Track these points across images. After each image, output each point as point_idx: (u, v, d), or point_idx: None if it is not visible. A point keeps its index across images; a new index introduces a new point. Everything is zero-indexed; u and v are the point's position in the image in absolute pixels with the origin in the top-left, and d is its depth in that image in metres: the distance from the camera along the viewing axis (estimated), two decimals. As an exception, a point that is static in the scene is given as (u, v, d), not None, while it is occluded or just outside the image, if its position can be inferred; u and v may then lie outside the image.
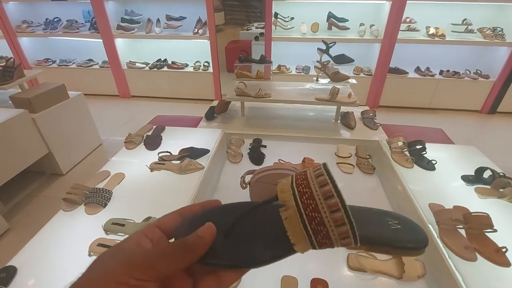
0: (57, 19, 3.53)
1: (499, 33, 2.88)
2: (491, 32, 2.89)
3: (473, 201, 1.09)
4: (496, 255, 0.84)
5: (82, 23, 3.55)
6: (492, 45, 2.95)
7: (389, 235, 0.28)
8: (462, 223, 0.92)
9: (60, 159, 2.20)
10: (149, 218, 1.03)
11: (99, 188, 1.17)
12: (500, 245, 0.86)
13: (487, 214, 0.91)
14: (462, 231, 0.93)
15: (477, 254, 0.86)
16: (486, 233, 0.90)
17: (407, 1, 2.74)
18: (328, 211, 0.24)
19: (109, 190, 1.18)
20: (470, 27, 2.96)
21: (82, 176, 2.23)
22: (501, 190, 1.11)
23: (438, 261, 0.88)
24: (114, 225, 1.02)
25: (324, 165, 0.26)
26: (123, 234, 1.00)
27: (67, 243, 0.97)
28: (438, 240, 0.92)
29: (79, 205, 1.12)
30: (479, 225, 0.91)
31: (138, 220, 1.04)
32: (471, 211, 0.96)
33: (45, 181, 2.17)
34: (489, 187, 1.14)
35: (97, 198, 1.13)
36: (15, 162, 1.86)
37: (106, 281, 0.22)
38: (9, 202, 1.93)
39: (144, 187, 1.23)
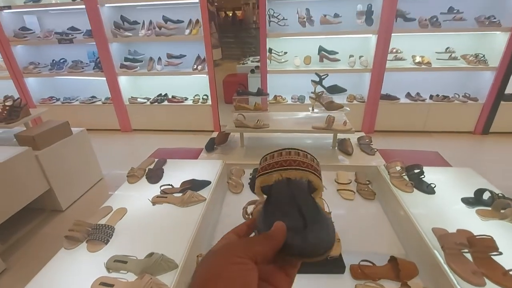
0: (63, 60, 3.71)
1: (481, 59, 3.04)
2: (474, 58, 3.06)
3: (475, 223, 1.09)
4: (504, 278, 0.83)
5: (86, 63, 3.72)
6: (476, 70, 3.10)
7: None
8: (467, 247, 0.92)
9: (60, 195, 2.18)
10: (152, 253, 1.02)
11: (101, 224, 1.17)
12: (507, 268, 0.85)
13: (491, 236, 0.91)
14: (468, 255, 0.92)
15: (485, 278, 0.85)
16: (492, 256, 0.89)
17: (392, 34, 2.94)
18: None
19: (111, 226, 1.17)
20: (453, 55, 3.14)
21: (81, 212, 2.20)
22: (502, 211, 1.12)
23: (447, 287, 0.87)
24: (116, 262, 1.01)
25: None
26: (126, 272, 0.98)
27: (69, 282, 0.95)
28: (445, 266, 0.91)
29: (81, 242, 1.11)
30: (484, 248, 0.90)
31: (140, 256, 1.02)
32: (474, 234, 0.96)
33: (45, 218, 2.14)
34: (489, 208, 1.15)
35: (99, 235, 1.12)
36: (16, 200, 1.85)
37: (222, 263, 0.26)
38: (8, 241, 1.89)
39: (146, 222, 1.23)
